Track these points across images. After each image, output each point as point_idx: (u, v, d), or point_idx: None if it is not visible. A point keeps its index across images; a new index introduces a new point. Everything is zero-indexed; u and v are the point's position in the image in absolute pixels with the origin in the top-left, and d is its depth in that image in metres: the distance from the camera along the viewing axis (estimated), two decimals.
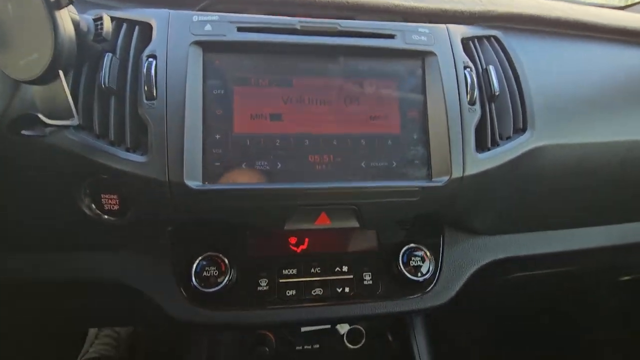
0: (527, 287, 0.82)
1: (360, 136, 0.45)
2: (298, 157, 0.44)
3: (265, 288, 0.49)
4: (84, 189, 0.42)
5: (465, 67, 0.48)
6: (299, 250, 0.52)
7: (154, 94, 0.40)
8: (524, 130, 0.49)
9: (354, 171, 0.45)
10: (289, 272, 0.50)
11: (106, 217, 0.44)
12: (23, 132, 0.33)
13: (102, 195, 0.43)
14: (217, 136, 0.42)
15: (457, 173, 0.45)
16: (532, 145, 0.49)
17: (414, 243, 0.52)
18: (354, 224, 0.46)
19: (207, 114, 0.42)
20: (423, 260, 0.51)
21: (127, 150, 0.40)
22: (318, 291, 0.50)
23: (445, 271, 0.53)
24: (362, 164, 0.45)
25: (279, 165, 0.44)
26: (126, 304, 0.54)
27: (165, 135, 0.40)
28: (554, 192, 0.53)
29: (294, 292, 0.50)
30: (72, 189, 0.42)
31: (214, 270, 0.46)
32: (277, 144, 0.44)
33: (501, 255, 0.56)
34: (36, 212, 0.44)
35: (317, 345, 0.65)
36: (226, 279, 0.46)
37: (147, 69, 0.41)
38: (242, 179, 0.42)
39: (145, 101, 0.40)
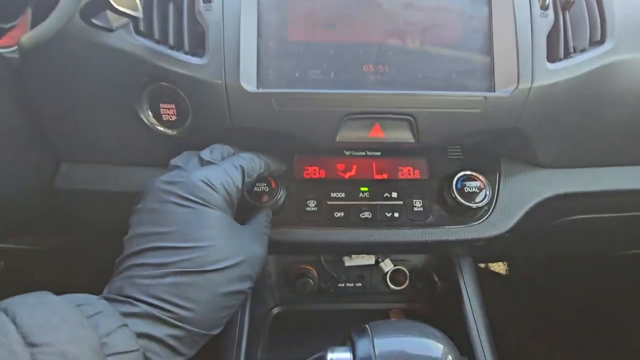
0: (581, 244, 0.77)
1: (416, 46, 0.43)
2: (352, 66, 0.43)
3: (314, 209, 0.49)
4: (144, 97, 0.43)
5: None
6: (346, 176, 0.51)
7: None
8: (601, 42, 0.44)
9: (410, 82, 0.43)
10: (337, 195, 0.50)
11: (163, 128, 0.45)
12: (93, 20, 0.34)
13: (161, 105, 0.44)
14: (271, 43, 0.42)
15: (524, 83, 0.41)
16: (610, 58, 0.44)
17: (469, 171, 0.49)
18: (409, 137, 0.44)
19: (262, 20, 0.42)
20: (480, 189, 0.48)
21: (186, 54, 0.41)
22: (367, 214, 0.49)
23: (502, 200, 0.50)
24: (419, 75, 0.43)
25: (332, 75, 0.43)
26: None
27: (222, 39, 0.40)
28: (632, 116, 0.48)
29: (343, 214, 0.49)
30: (133, 98, 0.43)
31: (265, 186, 0.47)
32: (330, 52, 0.43)
33: (565, 190, 0.51)
34: (99, 122, 0.46)
35: (360, 284, 0.65)
36: (277, 195, 0.47)
37: None
38: (295, 86, 0.42)
39: (202, 4, 0.40)
